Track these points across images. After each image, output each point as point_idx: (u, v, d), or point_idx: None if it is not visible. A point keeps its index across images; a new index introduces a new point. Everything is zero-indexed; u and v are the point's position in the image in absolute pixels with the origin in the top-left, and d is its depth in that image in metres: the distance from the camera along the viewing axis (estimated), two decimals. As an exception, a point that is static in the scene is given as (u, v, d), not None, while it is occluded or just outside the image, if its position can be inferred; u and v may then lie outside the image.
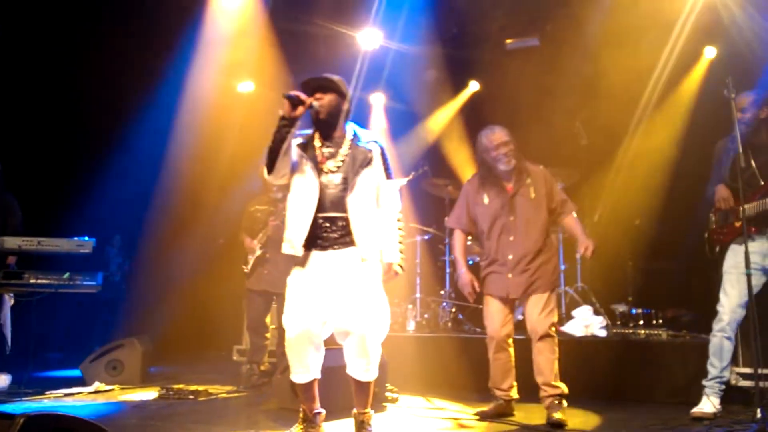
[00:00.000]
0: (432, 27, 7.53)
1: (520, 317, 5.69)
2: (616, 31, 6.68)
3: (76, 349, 5.98)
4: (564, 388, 4.25)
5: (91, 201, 7.14)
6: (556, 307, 4.45)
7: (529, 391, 4.48)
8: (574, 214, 4.49)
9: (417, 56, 8.03)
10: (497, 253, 4.43)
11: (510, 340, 4.45)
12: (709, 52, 6.98)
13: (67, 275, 5.40)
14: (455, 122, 8.59)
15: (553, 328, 4.31)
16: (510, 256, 4.37)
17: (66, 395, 5.15)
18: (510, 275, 4.36)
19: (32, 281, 5.35)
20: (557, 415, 4.11)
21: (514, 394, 4.45)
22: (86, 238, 5.33)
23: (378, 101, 8.69)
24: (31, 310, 5.49)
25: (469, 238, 5.54)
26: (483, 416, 4.38)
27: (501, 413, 4.40)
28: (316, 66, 6.24)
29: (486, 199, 4.49)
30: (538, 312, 4.30)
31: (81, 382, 5.55)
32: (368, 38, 7.32)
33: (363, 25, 7.20)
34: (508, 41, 7.96)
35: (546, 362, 4.25)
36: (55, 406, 4.71)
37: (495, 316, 4.43)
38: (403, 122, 8.58)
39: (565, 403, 4.23)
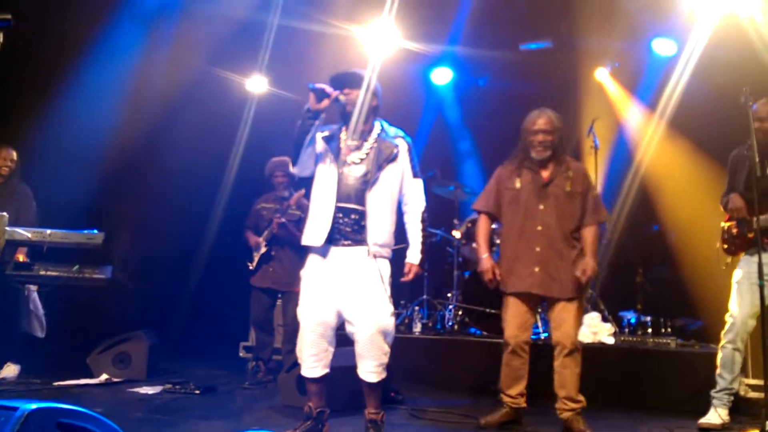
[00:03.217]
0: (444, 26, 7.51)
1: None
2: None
3: (84, 341, 5.97)
4: (584, 402, 4.08)
5: (102, 196, 7.14)
6: (582, 315, 4.33)
7: (538, 399, 4.40)
8: (595, 227, 4.14)
9: (428, 56, 8.01)
10: (522, 244, 4.12)
11: (527, 347, 4.16)
12: (727, 58, 6.88)
13: (76, 267, 5.43)
14: (465, 124, 8.56)
15: (579, 340, 4.12)
16: (537, 248, 4.07)
17: (73, 387, 5.17)
18: (537, 269, 4.06)
19: (42, 273, 5.37)
20: (581, 427, 3.99)
21: (523, 402, 4.23)
22: (95, 231, 5.34)
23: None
24: (41, 301, 5.53)
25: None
26: (487, 424, 4.22)
27: (506, 421, 4.23)
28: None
29: (518, 184, 4.19)
30: (567, 322, 4.04)
31: (88, 374, 5.55)
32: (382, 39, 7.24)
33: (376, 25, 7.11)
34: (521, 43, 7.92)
35: (572, 377, 4.04)
36: (61, 399, 4.70)
37: (513, 319, 4.14)
38: (411, 124, 8.54)
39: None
